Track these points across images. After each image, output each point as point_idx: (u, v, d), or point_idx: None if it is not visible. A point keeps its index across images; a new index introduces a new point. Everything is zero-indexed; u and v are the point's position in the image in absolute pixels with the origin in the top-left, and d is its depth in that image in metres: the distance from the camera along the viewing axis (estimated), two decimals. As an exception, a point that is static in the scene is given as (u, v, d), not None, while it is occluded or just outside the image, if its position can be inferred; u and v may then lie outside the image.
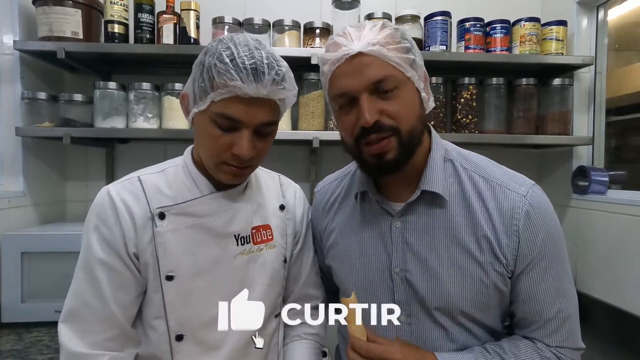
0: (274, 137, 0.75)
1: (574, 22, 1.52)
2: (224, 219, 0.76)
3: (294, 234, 0.87)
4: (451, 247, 0.70)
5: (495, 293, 0.70)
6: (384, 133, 0.65)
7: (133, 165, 0.84)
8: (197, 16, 1.44)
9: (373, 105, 0.64)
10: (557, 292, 0.69)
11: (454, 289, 0.69)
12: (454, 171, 0.73)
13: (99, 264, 0.71)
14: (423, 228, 0.72)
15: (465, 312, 0.70)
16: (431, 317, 0.72)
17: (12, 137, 1.36)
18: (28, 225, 1.41)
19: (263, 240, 0.80)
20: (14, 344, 1.14)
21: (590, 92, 1.54)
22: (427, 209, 0.72)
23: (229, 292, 0.75)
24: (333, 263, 0.84)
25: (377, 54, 0.64)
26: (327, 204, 0.87)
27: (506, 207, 0.68)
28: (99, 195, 0.75)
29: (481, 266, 0.69)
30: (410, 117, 0.66)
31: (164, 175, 0.77)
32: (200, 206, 0.75)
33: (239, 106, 0.66)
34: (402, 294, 0.73)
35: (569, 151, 1.56)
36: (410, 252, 0.72)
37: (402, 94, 0.66)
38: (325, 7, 1.57)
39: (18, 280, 1.25)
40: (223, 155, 0.69)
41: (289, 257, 0.85)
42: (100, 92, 1.38)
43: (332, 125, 1.46)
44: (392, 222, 0.74)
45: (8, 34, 1.38)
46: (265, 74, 0.65)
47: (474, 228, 0.69)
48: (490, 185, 0.70)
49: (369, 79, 0.64)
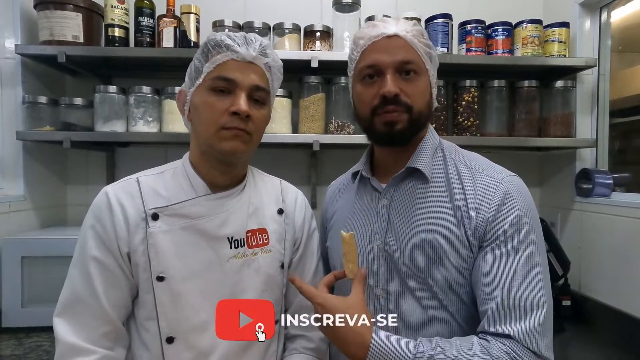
0: (268, 117, 0.79)
1: (577, 24, 1.51)
2: (217, 221, 0.76)
3: (293, 240, 0.85)
4: (428, 219, 0.75)
5: (464, 262, 0.71)
6: (399, 107, 0.74)
7: (133, 168, 0.84)
8: (197, 19, 1.44)
9: (396, 82, 0.74)
10: (522, 277, 0.66)
11: (427, 257, 0.72)
12: (442, 158, 0.80)
13: (92, 261, 0.72)
14: (406, 203, 0.78)
15: (438, 280, 0.72)
16: (408, 291, 0.74)
17: (13, 141, 1.36)
18: (28, 229, 1.41)
19: (258, 244, 0.79)
20: (14, 348, 1.13)
21: (594, 94, 1.53)
22: (411, 187, 0.78)
23: (221, 295, 0.75)
24: (329, 242, 0.89)
25: (410, 40, 0.75)
26: (334, 194, 0.95)
27: (480, 187, 0.73)
28: (98, 195, 0.77)
29: (452, 234, 0.72)
30: (422, 101, 0.76)
31: (161, 177, 0.79)
32: (193, 207, 0.75)
33: (233, 68, 0.73)
34: (381, 266, 0.77)
35: (572, 154, 1.55)
36: (390, 225, 0.77)
37: (420, 80, 0.76)
38: (326, 10, 1.57)
39: (18, 284, 1.25)
40: (221, 118, 0.72)
41: (287, 263, 0.84)
42: (100, 95, 1.38)
43: (332, 128, 1.46)
44: (380, 199, 0.80)
45: (10, 38, 1.38)
46: (253, 41, 0.76)
47: (451, 203, 0.74)
48: (471, 171, 0.76)
49: (398, 58, 0.74)
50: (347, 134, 1.45)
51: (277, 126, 1.42)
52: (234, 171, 0.80)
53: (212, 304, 0.74)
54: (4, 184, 1.39)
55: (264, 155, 1.62)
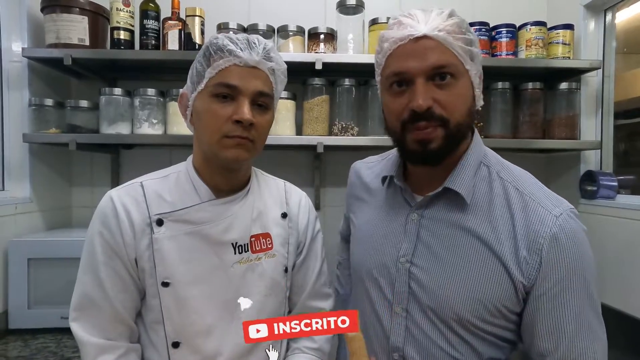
0: (271, 121, 0.78)
1: (581, 26, 1.51)
2: (221, 226, 0.76)
3: (297, 244, 0.85)
4: (463, 252, 0.66)
5: (498, 308, 0.65)
6: (433, 122, 0.64)
7: (138, 170, 0.85)
8: (202, 22, 1.44)
9: (428, 91, 0.63)
10: (582, 329, 0.62)
11: (454, 291, 0.66)
12: (487, 177, 0.69)
13: (102, 266, 0.73)
14: (439, 225, 0.69)
15: (460, 317, 0.66)
16: (429, 321, 0.69)
17: (19, 144, 1.37)
18: (34, 231, 1.41)
19: (262, 249, 0.79)
20: (20, 350, 1.14)
21: (598, 95, 1.53)
22: (446, 207, 0.69)
23: (225, 300, 0.75)
24: (352, 241, 0.85)
25: (443, 39, 0.63)
26: (362, 177, 0.88)
27: (534, 222, 0.63)
28: (103, 200, 0.77)
29: (489, 275, 0.64)
30: (461, 110, 0.65)
31: (166, 181, 0.78)
32: (197, 213, 0.75)
33: (235, 74, 0.71)
34: (403, 285, 0.71)
35: (576, 156, 1.54)
36: (420, 246, 0.70)
37: (458, 84, 0.64)
38: (330, 13, 1.57)
39: (25, 286, 1.25)
40: (224, 126, 0.70)
41: (290, 266, 0.84)
42: (105, 98, 1.39)
43: (336, 130, 1.46)
44: (409, 212, 0.73)
45: (17, 42, 1.39)
46: (257, 44, 0.73)
47: (496, 235, 0.65)
48: (523, 198, 0.66)
49: (429, 64, 0.63)
50: (351, 135, 1.45)
51: (281, 128, 1.43)
52: (237, 176, 0.80)
53: (217, 308, 0.75)
54: (11, 186, 1.40)
55: (267, 157, 1.62)
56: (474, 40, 0.66)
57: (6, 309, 1.26)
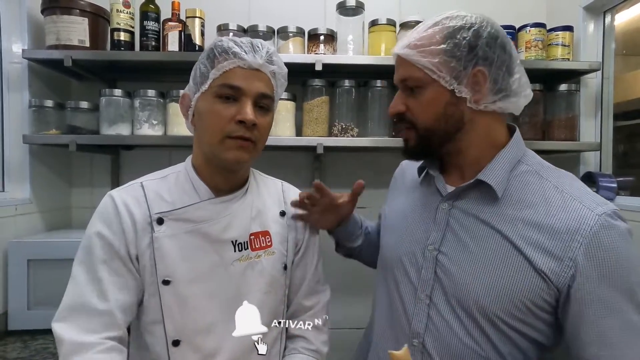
0: (272, 123, 0.80)
1: (581, 28, 1.51)
2: (221, 225, 0.77)
3: (295, 241, 0.87)
4: (491, 242, 0.67)
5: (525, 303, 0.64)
6: (405, 124, 0.74)
7: (138, 171, 0.85)
8: (202, 23, 1.45)
9: (401, 99, 0.74)
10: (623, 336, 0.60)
11: (480, 282, 0.66)
12: (525, 174, 0.70)
13: (102, 265, 0.72)
14: (468, 216, 0.71)
15: (484, 308, 0.66)
16: (450, 305, 0.70)
17: (19, 145, 1.37)
18: (34, 232, 1.41)
19: (262, 247, 0.81)
20: (20, 351, 1.14)
21: (598, 97, 1.53)
22: (478, 199, 0.71)
23: (226, 298, 0.76)
24: (383, 230, 0.89)
25: (405, 56, 0.71)
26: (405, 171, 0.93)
27: (573, 219, 0.62)
28: (103, 200, 0.77)
29: (516, 269, 0.64)
30: (427, 116, 0.71)
31: (165, 182, 0.79)
32: (197, 212, 0.76)
33: (239, 76, 0.73)
34: (429, 272, 0.73)
35: (576, 157, 1.54)
36: (449, 235, 0.73)
37: (424, 93, 0.71)
38: (330, 14, 1.57)
39: (24, 287, 1.25)
40: (227, 127, 0.72)
41: (289, 264, 0.85)
42: (105, 99, 1.39)
43: (336, 131, 1.46)
44: (440, 202, 0.75)
45: (17, 43, 1.39)
46: (260, 47, 0.75)
47: (525, 231, 0.65)
48: (563, 196, 0.66)
49: (397, 77, 0.75)
50: (350, 136, 1.45)
51: (281, 129, 1.43)
52: (236, 176, 0.81)
53: (217, 306, 0.76)
54: (11, 187, 1.40)
55: (267, 158, 1.61)
56: (451, 49, 0.68)
57: (6, 310, 1.26)
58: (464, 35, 0.68)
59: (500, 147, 0.72)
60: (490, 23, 0.70)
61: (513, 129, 0.76)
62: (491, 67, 0.68)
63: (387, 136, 1.48)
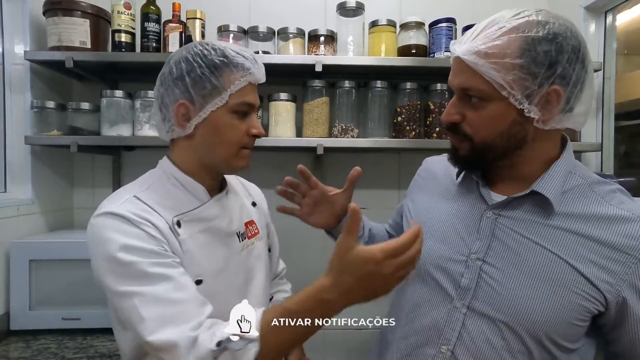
0: None
1: (582, 28, 1.51)
2: (227, 219, 0.83)
3: (266, 227, 0.99)
4: (543, 257, 0.65)
5: (573, 322, 0.64)
6: (458, 135, 0.69)
7: (139, 172, 0.85)
8: (202, 25, 1.45)
9: (457, 107, 0.68)
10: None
11: (530, 297, 0.65)
12: (578, 187, 0.68)
13: (155, 267, 0.67)
14: (517, 228, 0.68)
15: (533, 325, 0.65)
16: (489, 317, 0.68)
17: (21, 146, 1.38)
18: (36, 233, 1.42)
19: (253, 234, 0.89)
20: (22, 351, 1.15)
21: (599, 97, 1.52)
22: (530, 210, 0.68)
23: (238, 287, 0.82)
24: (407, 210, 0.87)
25: (472, 63, 0.63)
26: (431, 169, 0.89)
27: (632, 235, 0.62)
28: (106, 221, 0.69)
29: (570, 286, 0.63)
30: (488, 132, 0.66)
31: (154, 191, 0.77)
32: (210, 210, 0.80)
33: (251, 92, 0.77)
34: (471, 282, 0.69)
35: (577, 157, 1.53)
36: (496, 245, 0.69)
37: (487, 107, 0.64)
38: (330, 15, 1.57)
39: (26, 287, 1.26)
40: (243, 140, 0.78)
41: (269, 247, 0.97)
42: (107, 100, 1.40)
43: (336, 132, 1.46)
44: (485, 211, 0.72)
45: (19, 44, 1.40)
46: (258, 60, 0.78)
47: (580, 247, 0.64)
48: (617, 211, 0.65)
49: (456, 84, 0.67)
50: (351, 137, 1.45)
51: (281, 130, 1.43)
52: (222, 177, 0.88)
53: (234, 295, 0.78)
54: (13, 187, 1.41)
55: (268, 158, 1.62)
56: (528, 64, 0.60)
57: (8, 310, 1.26)
58: (544, 49, 0.60)
59: (554, 159, 0.69)
60: (573, 33, 0.63)
61: (564, 139, 0.72)
62: (567, 86, 0.62)
63: (388, 137, 1.48)
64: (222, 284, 0.78)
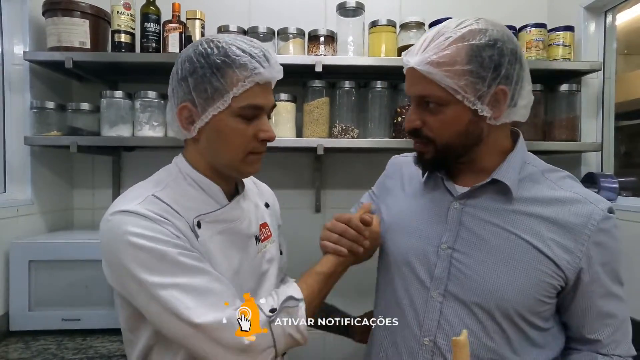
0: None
1: (582, 28, 1.51)
2: (246, 221, 0.81)
3: (279, 227, 0.95)
4: (507, 240, 0.71)
5: (541, 298, 0.70)
6: (422, 139, 0.74)
7: (139, 173, 0.85)
8: (202, 25, 1.45)
9: (417, 114, 0.73)
10: (622, 306, 0.75)
11: (500, 279, 0.70)
12: (532, 174, 0.75)
13: (188, 259, 0.66)
14: (483, 214, 0.74)
15: (505, 305, 0.70)
16: (464, 302, 0.72)
17: (20, 146, 1.38)
18: (36, 234, 1.42)
19: (266, 237, 0.86)
20: (21, 352, 1.14)
21: (599, 97, 1.52)
22: (491, 198, 0.74)
23: (251, 288, 0.80)
24: (387, 229, 0.87)
25: (426, 73, 0.68)
26: (398, 169, 0.94)
27: (582, 215, 0.70)
28: (118, 220, 0.66)
29: (535, 265, 0.69)
30: (448, 134, 0.71)
31: (172, 190, 0.74)
32: (232, 212, 0.78)
33: (259, 93, 0.71)
34: (443, 271, 0.74)
35: (577, 157, 1.54)
36: (463, 233, 0.74)
37: (445, 110, 0.70)
38: (330, 15, 1.57)
39: (26, 288, 1.26)
40: (250, 145, 0.72)
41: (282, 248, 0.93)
42: (106, 100, 1.40)
43: (336, 132, 1.46)
44: (451, 202, 0.77)
45: (18, 45, 1.40)
46: (270, 58, 0.72)
47: (539, 228, 0.70)
48: (569, 194, 0.72)
49: (414, 92, 0.72)
50: (351, 137, 1.45)
51: (281, 130, 1.43)
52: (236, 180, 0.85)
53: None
54: (12, 188, 1.40)
55: (268, 158, 1.61)
56: (476, 69, 0.66)
57: (7, 311, 1.26)
58: (489, 54, 0.67)
59: (508, 151, 0.75)
60: (509, 37, 0.70)
61: (516, 133, 0.79)
62: (511, 85, 0.70)
63: (388, 137, 1.48)
64: (235, 286, 0.74)
